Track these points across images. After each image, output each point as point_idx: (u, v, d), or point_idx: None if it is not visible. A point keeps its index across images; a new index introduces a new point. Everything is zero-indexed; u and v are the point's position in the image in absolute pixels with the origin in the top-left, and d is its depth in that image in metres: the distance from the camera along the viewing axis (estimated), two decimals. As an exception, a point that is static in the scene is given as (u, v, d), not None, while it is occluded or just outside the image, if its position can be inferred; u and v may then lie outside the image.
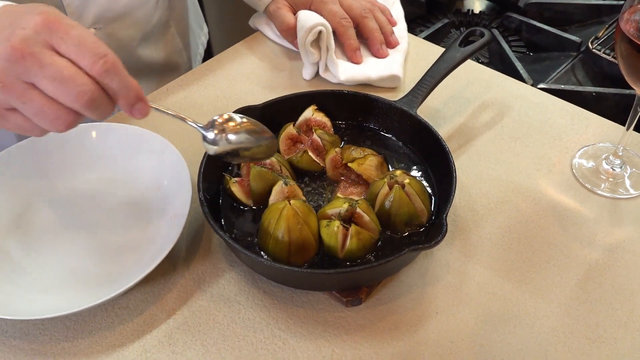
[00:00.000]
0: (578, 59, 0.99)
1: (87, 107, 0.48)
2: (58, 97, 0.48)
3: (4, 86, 0.47)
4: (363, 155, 0.68)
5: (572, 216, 0.69)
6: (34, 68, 0.47)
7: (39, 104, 0.48)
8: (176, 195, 0.67)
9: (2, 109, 0.49)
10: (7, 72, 0.47)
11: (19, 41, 0.47)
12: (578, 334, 0.59)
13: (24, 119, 0.50)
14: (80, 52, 0.48)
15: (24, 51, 0.47)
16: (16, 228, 0.67)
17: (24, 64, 0.47)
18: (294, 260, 0.60)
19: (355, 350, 0.58)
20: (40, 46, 0.47)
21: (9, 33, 0.47)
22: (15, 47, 0.47)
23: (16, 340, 0.59)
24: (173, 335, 0.59)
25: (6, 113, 0.49)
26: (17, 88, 0.47)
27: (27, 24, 0.48)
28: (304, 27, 0.84)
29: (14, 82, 0.47)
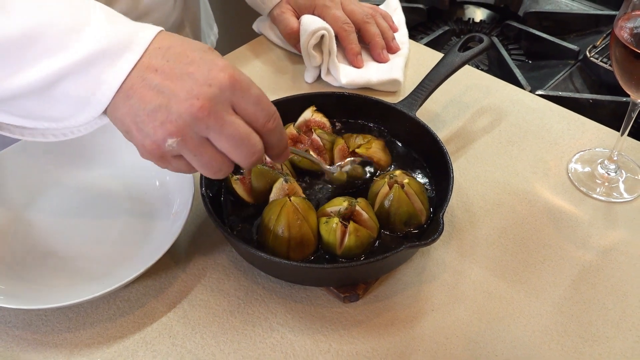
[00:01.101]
0: (576, 67, 1.01)
1: (251, 164, 0.52)
2: (230, 154, 0.50)
3: (183, 140, 0.48)
4: (366, 140, 0.71)
5: (567, 219, 0.71)
6: (216, 127, 0.48)
7: (209, 157, 0.50)
8: (178, 191, 0.68)
9: (170, 156, 0.51)
10: (189, 127, 0.48)
11: (207, 100, 0.48)
12: (571, 332, 0.60)
13: (187, 164, 0.52)
14: (257, 111, 0.50)
15: (210, 110, 0.48)
16: (20, 221, 0.68)
17: (207, 122, 0.48)
18: (293, 256, 0.61)
19: (352, 345, 0.59)
20: (224, 105, 0.49)
21: (192, 87, 0.48)
22: (204, 106, 0.48)
23: (19, 330, 0.60)
24: (173, 327, 0.60)
25: (172, 159, 0.51)
26: (193, 142, 0.49)
27: (213, 80, 0.48)
28: (307, 31, 0.86)
29: (193, 137, 0.49)
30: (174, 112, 0.48)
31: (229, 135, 0.49)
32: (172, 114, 0.48)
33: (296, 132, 0.72)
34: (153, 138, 0.49)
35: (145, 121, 0.48)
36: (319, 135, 0.71)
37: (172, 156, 0.51)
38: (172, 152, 0.50)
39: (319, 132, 0.72)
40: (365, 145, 0.71)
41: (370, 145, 0.71)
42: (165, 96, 0.48)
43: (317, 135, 0.71)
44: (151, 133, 0.49)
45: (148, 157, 0.51)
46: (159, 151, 0.50)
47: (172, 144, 0.49)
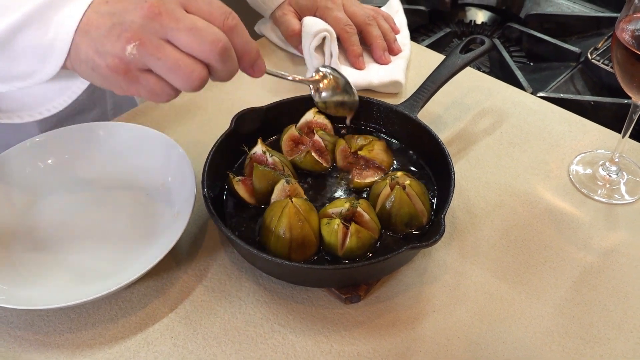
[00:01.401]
0: (577, 69, 1.01)
1: (220, 56, 0.50)
2: (193, 47, 0.49)
3: (140, 43, 0.48)
4: (368, 141, 0.71)
5: (568, 220, 0.71)
6: (170, 23, 0.49)
7: (173, 58, 0.49)
8: (180, 193, 0.68)
9: (136, 69, 0.50)
10: (143, 29, 0.48)
11: (155, 1, 0.49)
12: (572, 334, 0.60)
13: (157, 79, 0.51)
14: (211, 10, 0.50)
15: (160, 8, 0.49)
16: (22, 222, 0.69)
17: (160, 20, 0.48)
18: (295, 257, 0.61)
19: (353, 347, 0.59)
20: (174, 4, 0.50)
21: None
22: (153, 4, 0.48)
23: (21, 331, 0.61)
24: (175, 328, 0.60)
25: (139, 75, 0.50)
26: (152, 44, 0.49)
27: None
28: (309, 33, 0.86)
29: (150, 38, 0.49)
30: (126, 22, 0.49)
31: (186, 28, 0.49)
32: (125, 24, 0.49)
33: (298, 133, 0.72)
34: (113, 52, 0.49)
35: (104, 42, 0.49)
36: (321, 136, 0.72)
37: (138, 70, 0.50)
38: (136, 62, 0.49)
39: (320, 133, 0.72)
40: (367, 146, 0.71)
41: (372, 146, 0.71)
42: (117, 15, 0.49)
43: (319, 136, 0.72)
44: (110, 49, 0.49)
45: (116, 79, 0.50)
46: (123, 65, 0.49)
47: (132, 51, 0.48)
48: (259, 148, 0.69)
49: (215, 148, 0.68)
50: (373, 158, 0.71)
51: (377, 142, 0.72)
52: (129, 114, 0.85)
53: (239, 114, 0.72)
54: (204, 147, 0.69)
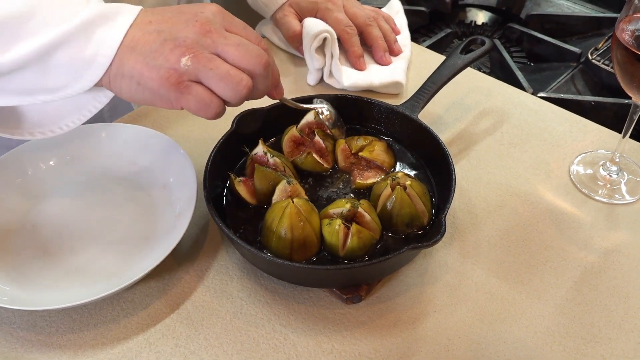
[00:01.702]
0: (578, 69, 1.01)
1: (265, 69, 0.55)
2: (242, 60, 0.54)
3: (194, 55, 0.52)
4: (368, 142, 0.72)
5: (569, 220, 0.71)
6: (220, 39, 0.54)
7: (225, 68, 0.53)
8: (182, 193, 0.69)
9: (187, 80, 0.53)
10: (197, 43, 0.53)
11: (205, 20, 0.54)
12: (573, 334, 0.60)
13: (206, 90, 0.53)
14: (248, 33, 0.57)
15: (210, 27, 0.54)
16: (24, 223, 0.69)
17: (211, 36, 0.53)
18: (296, 258, 0.61)
19: (354, 346, 0.59)
20: (219, 25, 0.55)
21: (190, 17, 0.54)
22: (204, 24, 0.54)
23: (23, 332, 0.61)
24: (177, 328, 0.61)
25: (190, 85, 0.53)
26: (205, 56, 0.53)
27: (204, 9, 0.55)
28: (310, 34, 0.87)
29: (202, 51, 0.53)
30: (179, 37, 0.53)
31: (236, 43, 0.54)
32: (179, 39, 0.53)
33: (299, 134, 0.73)
34: (167, 65, 0.52)
35: (155, 56, 0.52)
36: (322, 137, 0.72)
37: (190, 81, 0.53)
38: (189, 73, 0.52)
39: (321, 135, 0.72)
40: (368, 147, 0.71)
41: (373, 147, 0.72)
42: (166, 32, 0.53)
43: (319, 137, 0.72)
44: (164, 61, 0.52)
45: (167, 90, 0.53)
46: (176, 75, 0.52)
47: (187, 62, 0.52)
48: (260, 149, 0.69)
49: (216, 149, 0.68)
50: (374, 159, 0.71)
51: (378, 143, 0.72)
52: (130, 115, 0.85)
53: (240, 114, 0.72)
54: (205, 148, 0.69)
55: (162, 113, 0.85)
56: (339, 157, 0.72)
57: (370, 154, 0.71)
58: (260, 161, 0.68)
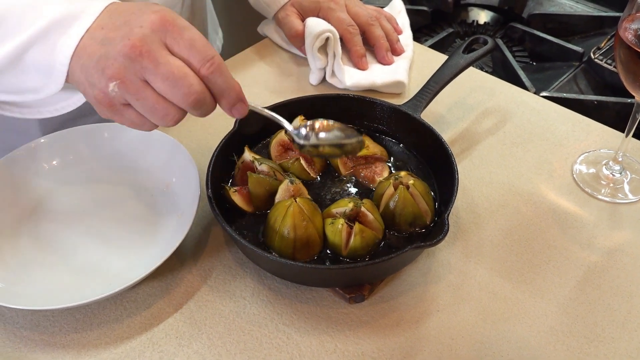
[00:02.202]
0: (580, 68, 1.01)
1: (192, 106, 0.52)
2: (168, 95, 0.51)
3: (122, 82, 0.50)
4: None
5: (572, 220, 0.71)
6: (150, 67, 0.50)
7: (151, 101, 0.51)
8: (184, 193, 0.69)
9: (119, 103, 0.52)
10: (126, 69, 0.50)
11: (138, 39, 0.50)
12: (576, 333, 0.60)
13: (137, 114, 0.53)
14: (191, 54, 0.51)
15: (142, 49, 0.50)
16: (27, 223, 0.69)
17: (141, 62, 0.50)
18: (299, 257, 0.61)
19: (357, 346, 0.59)
20: (157, 45, 0.51)
21: (127, 31, 0.51)
22: (135, 45, 0.50)
23: (27, 331, 0.61)
24: (180, 328, 0.61)
25: (122, 108, 0.53)
26: (133, 85, 0.51)
27: (144, 22, 0.51)
28: (312, 34, 0.87)
29: (131, 79, 0.50)
30: (110, 57, 0.50)
31: (164, 74, 0.50)
32: (110, 59, 0.50)
33: (287, 138, 0.72)
34: (99, 86, 0.51)
35: (92, 73, 0.51)
36: None
37: (121, 105, 0.52)
38: (118, 98, 0.51)
39: None
40: None
41: (366, 144, 0.72)
42: (105, 46, 0.51)
43: None
44: (97, 82, 0.51)
45: (101, 108, 0.53)
46: (107, 99, 0.51)
47: (114, 89, 0.51)
48: (247, 156, 0.69)
49: (219, 149, 0.68)
50: (371, 153, 0.71)
51: (364, 138, 0.72)
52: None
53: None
54: (207, 148, 0.69)
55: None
56: (340, 167, 0.71)
57: (368, 151, 0.71)
58: (249, 168, 0.68)
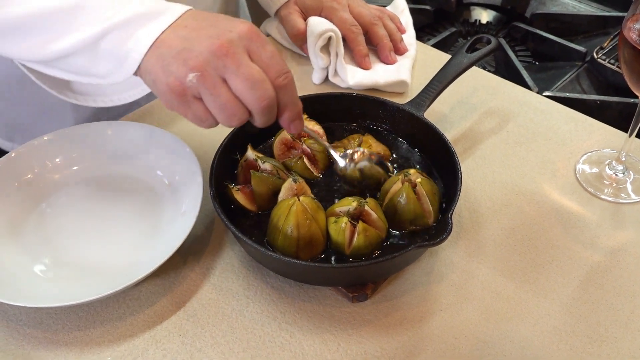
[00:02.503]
0: (583, 68, 1.01)
1: (262, 110, 0.55)
2: (243, 95, 0.54)
3: (202, 75, 0.53)
4: (360, 139, 0.73)
5: (575, 219, 0.71)
6: (232, 67, 0.53)
7: (224, 98, 0.54)
8: (187, 191, 0.69)
9: (191, 95, 0.54)
10: (208, 64, 0.53)
11: (226, 40, 0.53)
12: (579, 333, 0.60)
13: (204, 109, 0.55)
14: (270, 64, 0.55)
15: (228, 50, 0.53)
16: (31, 220, 0.69)
17: (225, 60, 0.53)
18: (302, 256, 0.61)
19: (360, 345, 0.59)
20: (241, 49, 0.54)
21: (217, 32, 0.54)
22: (223, 45, 0.53)
23: (30, 329, 0.61)
24: (183, 326, 0.61)
25: (192, 100, 0.55)
26: (211, 79, 0.53)
27: (234, 28, 0.54)
28: (314, 33, 0.87)
29: (210, 73, 0.53)
30: (195, 50, 0.53)
31: (244, 75, 0.53)
32: (194, 52, 0.53)
33: (290, 137, 0.72)
34: (176, 74, 0.53)
35: (170, 62, 0.54)
36: (309, 145, 0.71)
37: (192, 97, 0.54)
38: (192, 89, 0.54)
39: (308, 143, 0.71)
40: (363, 144, 0.72)
41: (368, 142, 0.72)
42: (190, 41, 0.54)
43: (307, 145, 0.71)
44: (175, 70, 0.53)
45: (171, 97, 0.55)
46: (181, 88, 0.53)
47: (193, 79, 0.53)
48: (250, 154, 0.69)
49: (222, 147, 0.69)
50: (377, 152, 0.71)
51: (368, 137, 0.73)
52: (136, 113, 0.85)
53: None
54: (210, 146, 0.69)
55: (168, 111, 0.85)
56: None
57: (370, 149, 0.71)
58: (252, 167, 0.68)
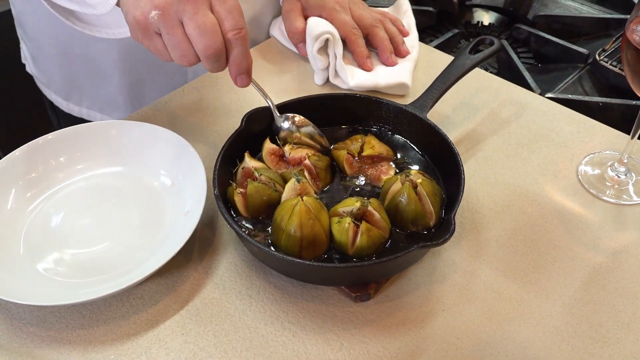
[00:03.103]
0: (585, 70, 1.01)
1: (207, 58, 0.60)
2: (193, 40, 0.59)
3: (162, 14, 0.58)
4: (362, 140, 0.73)
5: (577, 220, 0.71)
6: (190, 11, 0.58)
7: (178, 39, 0.59)
8: (191, 191, 0.69)
9: (152, 31, 0.60)
10: (171, 5, 0.58)
11: None
12: (581, 333, 0.60)
13: (162, 45, 0.61)
14: (227, 17, 0.60)
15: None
16: (34, 218, 0.69)
17: (185, 5, 0.58)
18: (305, 256, 0.61)
19: (363, 344, 0.59)
20: None
21: None
22: None
23: (33, 327, 0.61)
24: (186, 325, 0.61)
25: (153, 35, 0.60)
26: (170, 19, 0.59)
27: None
28: (311, 35, 0.87)
29: (170, 14, 0.58)
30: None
31: (197, 22, 0.58)
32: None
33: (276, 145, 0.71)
34: (142, 9, 0.59)
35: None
36: (314, 163, 0.69)
37: (154, 32, 0.60)
38: (154, 25, 0.59)
39: (313, 159, 0.69)
40: (366, 145, 0.72)
41: (370, 143, 0.72)
42: None
43: (311, 162, 0.69)
44: (142, 6, 0.59)
45: (136, 29, 0.61)
46: (144, 23, 0.59)
47: (154, 16, 0.59)
48: (247, 162, 0.68)
49: (226, 147, 0.69)
50: (377, 153, 0.72)
51: (370, 137, 0.73)
52: (139, 113, 0.85)
53: (250, 112, 0.72)
54: (214, 145, 0.70)
55: (172, 111, 0.86)
56: (346, 167, 0.71)
57: (372, 150, 0.72)
58: (249, 175, 0.68)
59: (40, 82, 1.08)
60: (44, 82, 1.06)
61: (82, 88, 1.02)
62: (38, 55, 1.03)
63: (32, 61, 1.06)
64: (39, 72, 1.06)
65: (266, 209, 0.65)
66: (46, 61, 1.02)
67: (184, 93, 0.89)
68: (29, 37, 1.01)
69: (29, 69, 1.09)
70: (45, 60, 1.02)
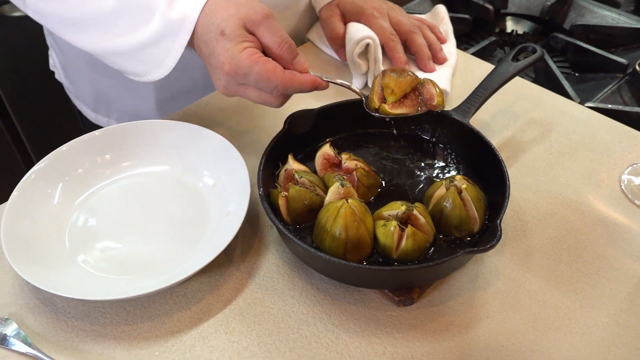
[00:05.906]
0: (624, 80, 1.01)
1: (283, 93, 0.66)
2: (263, 94, 0.66)
3: (225, 91, 0.67)
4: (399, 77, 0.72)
5: (621, 230, 0.70)
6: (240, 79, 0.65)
7: (253, 95, 0.67)
8: (234, 192, 0.69)
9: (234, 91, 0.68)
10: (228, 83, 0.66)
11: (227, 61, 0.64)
12: (629, 344, 0.59)
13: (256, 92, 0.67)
14: (272, 37, 0.65)
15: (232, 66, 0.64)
16: (78, 215, 0.70)
17: (235, 77, 0.65)
18: (350, 258, 0.61)
19: (407, 349, 0.59)
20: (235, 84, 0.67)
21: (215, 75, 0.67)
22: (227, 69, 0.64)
23: (78, 322, 0.62)
24: (229, 324, 0.61)
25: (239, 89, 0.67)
26: (235, 90, 0.67)
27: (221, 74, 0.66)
28: (352, 39, 0.87)
29: (231, 87, 0.67)
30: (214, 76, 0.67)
31: (253, 83, 0.65)
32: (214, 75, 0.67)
33: (332, 152, 0.71)
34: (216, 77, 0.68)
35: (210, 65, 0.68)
36: (359, 177, 0.68)
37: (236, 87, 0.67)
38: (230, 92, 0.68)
39: (360, 174, 0.68)
40: (387, 93, 0.71)
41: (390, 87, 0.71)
42: None
43: (357, 175, 0.68)
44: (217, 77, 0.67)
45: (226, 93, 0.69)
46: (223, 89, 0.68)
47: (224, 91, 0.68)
48: (290, 164, 0.68)
49: (269, 148, 0.69)
50: (403, 92, 0.71)
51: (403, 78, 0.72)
52: (179, 114, 0.86)
53: (293, 115, 0.73)
54: (255, 146, 0.70)
55: (214, 112, 0.86)
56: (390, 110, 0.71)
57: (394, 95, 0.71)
58: (291, 177, 0.68)
59: (69, 92, 1.07)
60: (73, 92, 1.06)
61: (110, 101, 1.00)
62: (67, 66, 1.02)
63: (62, 71, 1.06)
64: (69, 83, 1.05)
65: (307, 214, 0.65)
66: (75, 73, 1.01)
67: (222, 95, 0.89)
68: (59, 47, 1.00)
69: (59, 77, 1.08)
70: (74, 72, 1.01)
